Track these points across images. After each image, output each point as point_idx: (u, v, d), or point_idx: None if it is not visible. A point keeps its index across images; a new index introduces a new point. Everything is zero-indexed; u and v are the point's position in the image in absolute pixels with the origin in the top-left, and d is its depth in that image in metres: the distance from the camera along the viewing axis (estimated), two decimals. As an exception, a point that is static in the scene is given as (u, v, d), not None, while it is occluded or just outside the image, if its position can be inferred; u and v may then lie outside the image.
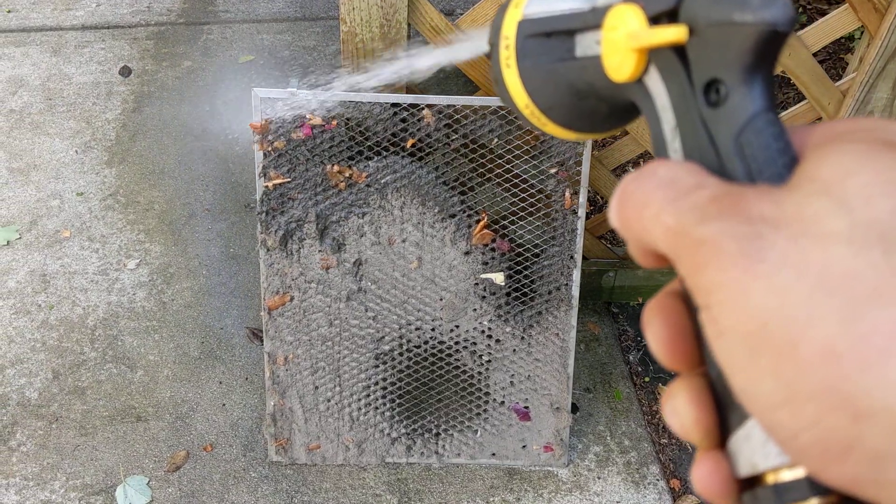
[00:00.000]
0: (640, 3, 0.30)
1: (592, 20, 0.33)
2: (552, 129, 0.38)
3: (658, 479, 1.67)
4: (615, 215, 0.28)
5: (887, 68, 1.48)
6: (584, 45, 0.34)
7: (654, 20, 0.29)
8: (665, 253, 0.25)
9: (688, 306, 0.28)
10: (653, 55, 0.30)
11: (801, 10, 2.91)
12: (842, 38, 2.79)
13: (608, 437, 1.74)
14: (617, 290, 1.97)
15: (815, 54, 1.47)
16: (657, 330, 0.28)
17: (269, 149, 1.42)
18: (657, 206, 0.25)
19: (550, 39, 0.36)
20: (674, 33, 0.28)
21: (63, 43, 2.73)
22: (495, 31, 0.38)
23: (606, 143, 2.44)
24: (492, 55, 0.39)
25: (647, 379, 1.88)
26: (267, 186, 1.44)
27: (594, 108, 0.36)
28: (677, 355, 0.28)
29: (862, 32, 1.55)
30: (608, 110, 0.36)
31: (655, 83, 0.30)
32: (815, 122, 0.27)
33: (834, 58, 2.74)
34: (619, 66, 0.31)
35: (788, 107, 1.65)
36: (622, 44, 0.30)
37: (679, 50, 0.28)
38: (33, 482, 1.58)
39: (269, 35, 2.84)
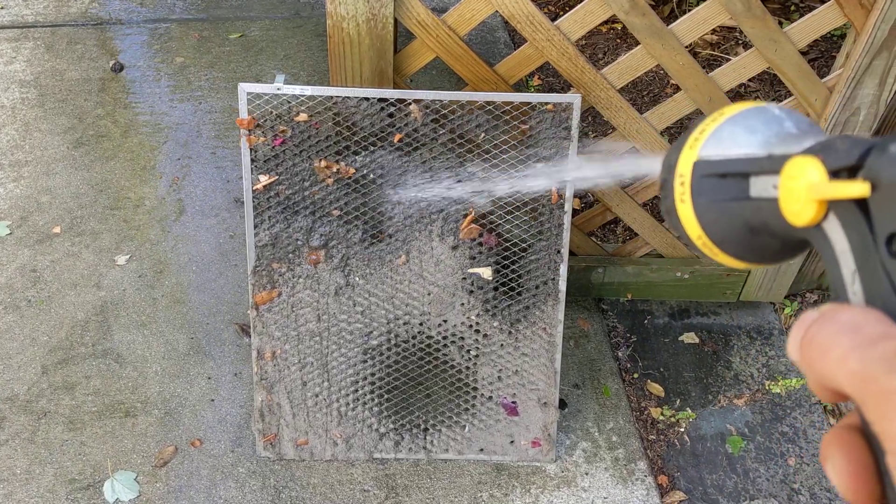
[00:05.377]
0: (820, 157, 0.31)
1: (769, 166, 0.35)
2: (723, 258, 0.41)
3: (646, 476, 1.67)
4: (797, 354, 0.30)
5: (873, 64, 1.48)
6: (760, 187, 0.36)
7: (834, 173, 0.31)
8: (849, 394, 0.27)
9: (869, 443, 0.29)
10: (832, 205, 0.31)
11: (793, 7, 2.91)
12: (833, 35, 2.79)
13: (596, 433, 1.74)
14: (606, 287, 1.97)
15: (807, 52, 1.47)
16: (840, 465, 0.29)
17: (257, 143, 1.42)
18: (842, 351, 0.27)
19: (725, 180, 0.38)
20: (858, 189, 0.29)
21: (56, 39, 2.73)
22: (669, 168, 0.41)
23: (593, 139, 2.44)
24: (663, 188, 0.42)
25: (635, 375, 1.88)
26: (257, 188, 1.44)
27: (766, 244, 0.39)
28: (861, 492, 0.29)
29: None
30: (780, 246, 0.38)
31: (835, 230, 0.32)
32: None
33: (826, 56, 2.74)
34: (799, 212, 0.33)
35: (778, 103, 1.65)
36: (803, 193, 0.32)
37: (860, 202, 0.30)
38: (21, 477, 1.58)
39: (260, 31, 2.85)
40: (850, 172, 0.30)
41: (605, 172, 1.33)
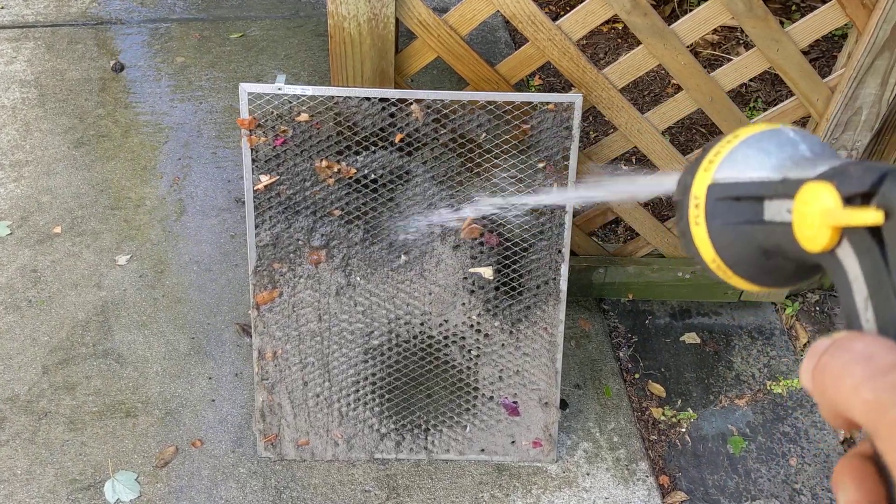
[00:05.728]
0: (834, 182, 0.31)
1: (783, 190, 0.35)
2: (737, 281, 0.41)
3: (647, 476, 1.67)
4: (809, 382, 0.30)
5: (875, 64, 1.48)
6: (774, 210, 0.36)
7: (848, 199, 0.31)
8: (862, 424, 0.27)
9: (881, 473, 0.29)
10: (846, 231, 0.31)
11: (794, 7, 2.91)
12: (834, 35, 2.79)
13: (598, 434, 1.74)
14: (608, 287, 1.97)
15: (808, 52, 1.47)
16: (852, 495, 0.29)
17: (258, 143, 1.41)
18: (855, 381, 0.27)
19: (739, 203, 0.38)
20: (872, 217, 0.29)
21: (56, 39, 2.73)
22: (683, 190, 0.41)
23: (594, 139, 2.44)
24: (678, 210, 0.42)
25: (636, 376, 1.88)
26: (258, 188, 1.44)
27: (780, 267, 0.38)
28: None
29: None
30: (794, 270, 0.38)
31: (848, 256, 0.32)
32: None
33: (827, 56, 2.74)
34: (813, 238, 0.33)
35: (779, 103, 1.65)
36: (816, 219, 0.32)
37: (874, 230, 0.30)
38: (21, 477, 1.58)
39: (260, 31, 2.84)
40: (864, 199, 0.30)
41: (617, 191, 1.33)
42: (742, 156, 0.39)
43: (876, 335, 0.30)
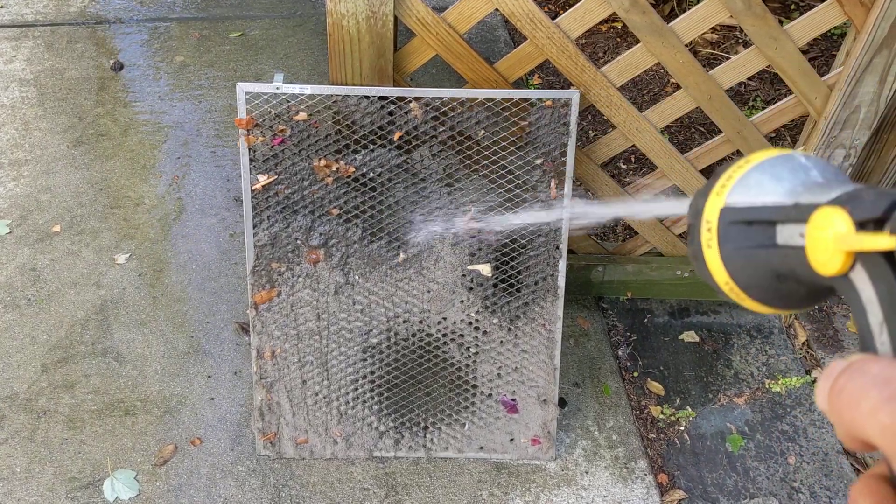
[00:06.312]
0: (847, 208, 0.32)
1: (796, 215, 0.36)
2: (750, 304, 0.41)
3: (646, 474, 1.67)
4: (825, 404, 0.30)
5: (874, 62, 1.48)
6: (786, 235, 0.37)
7: (860, 225, 0.31)
8: (879, 446, 0.28)
9: None
10: (859, 256, 0.32)
11: (793, 6, 2.91)
12: (833, 34, 2.79)
13: (596, 432, 1.74)
14: (606, 285, 1.97)
15: (807, 51, 1.47)
16: None
17: (255, 143, 1.42)
18: (872, 404, 0.28)
19: (752, 227, 0.39)
20: (885, 243, 0.30)
21: (55, 38, 2.73)
22: (695, 214, 0.42)
23: (594, 137, 2.44)
24: (690, 233, 0.42)
25: (635, 374, 1.88)
26: (256, 188, 1.44)
27: (793, 290, 0.39)
28: None
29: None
30: (807, 293, 0.39)
31: (861, 280, 0.32)
32: None
33: (826, 55, 2.74)
34: (826, 262, 0.33)
35: (778, 101, 1.65)
36: (830, 244, 0.33)
37: (887, 254, 0.30)
38: (21, 476, 1.58)
39: (260, 30, 2.84)
40: (877, 224, 0.31)
41: (628, 212, 1.33)
42: (754, 180, 0.39)
43: (892, 358, 0.30)
